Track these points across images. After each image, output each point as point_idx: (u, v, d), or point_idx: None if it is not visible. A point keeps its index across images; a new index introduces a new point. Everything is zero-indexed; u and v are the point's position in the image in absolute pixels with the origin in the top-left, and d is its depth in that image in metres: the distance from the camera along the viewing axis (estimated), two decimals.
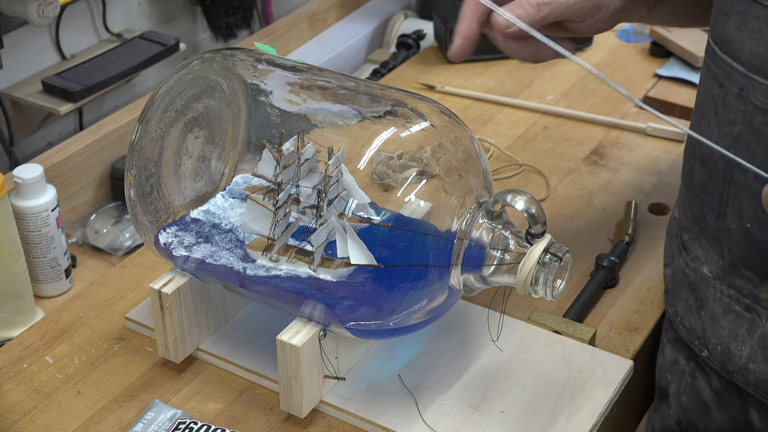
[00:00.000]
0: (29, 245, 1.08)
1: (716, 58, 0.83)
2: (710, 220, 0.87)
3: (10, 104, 1.29)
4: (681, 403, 0.97)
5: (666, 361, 0.98)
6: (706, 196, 0.87)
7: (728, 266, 0.86)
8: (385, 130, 0.83)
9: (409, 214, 0.80)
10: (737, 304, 0.86)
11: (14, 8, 1.19)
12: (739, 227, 0.83)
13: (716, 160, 0.84)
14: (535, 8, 0.88)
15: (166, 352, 0.92)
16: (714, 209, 0.86)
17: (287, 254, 0.83)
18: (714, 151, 0.84)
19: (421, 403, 0.87)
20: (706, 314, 0.90)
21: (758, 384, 0.86)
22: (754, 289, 0.84)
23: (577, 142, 1.28)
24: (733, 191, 0.83)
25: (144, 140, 0.89)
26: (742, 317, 0.86)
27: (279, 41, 1.52)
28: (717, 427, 0.94)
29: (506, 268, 0.80)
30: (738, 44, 0.80)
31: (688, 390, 0.95)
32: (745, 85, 0.80)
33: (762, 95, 0.78)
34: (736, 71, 0.80)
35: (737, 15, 0.80)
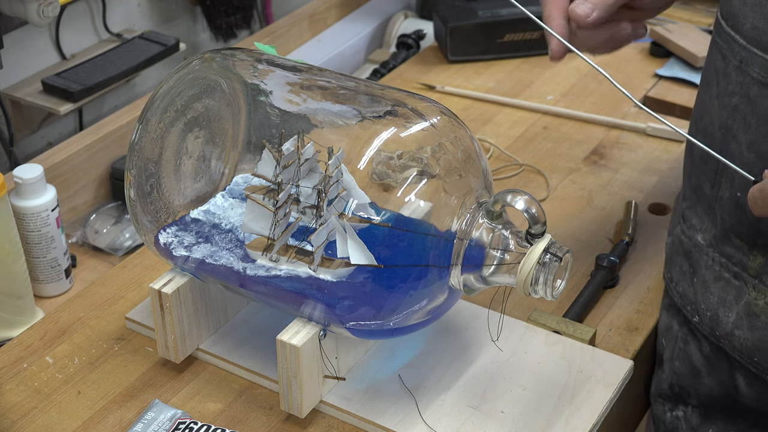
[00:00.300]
0: (29, 245, 1.08)
1: (721, 31, 0.86)
2: (706, 189, 0.89)
3: (10, 104, 1.29)
4: (674, 367, 0.98)
5: (662, 326, 1.00)
6: (704, 167, 0.89)
7: (720, 234, 0.88)
8: (385, 130, 0.83)
9: (409, 214, 0.80)
10: (726, 271, 0.89)
11: (14, 8, 1.19)
12: (730, 196, 0.86)
13: (715, 131, 0.87)
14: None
15: (166, 352, 0.92)
16: (710, 178, 0.88)
17: (287, 254, 0.83)
18: (713, 122, 0.87)
19: (421, 403, 0.87)
20: (698, 281, 0.92)
21: (743, 350, 0.89)
22: (743, 257, 0.87)
23: (577, 142, 1.28)
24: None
25: (144, 140, 0.89)
26: (731, 284, 0.89)
27: (279, 41, 1.52)
28: (707, 392, 0.95)
29: (506, 268, 0.80)
30: (741, 17, 0.82)
31: (681, 355, 0.97)
32: (744, 57, 0.82)
33: (759, 68, 0.81)
34: (737, 44, 0.83)
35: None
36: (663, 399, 1.01)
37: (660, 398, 1.01)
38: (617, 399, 0.89)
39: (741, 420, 0.94)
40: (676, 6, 1.62)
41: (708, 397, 0.96)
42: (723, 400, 0.94)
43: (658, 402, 1.02)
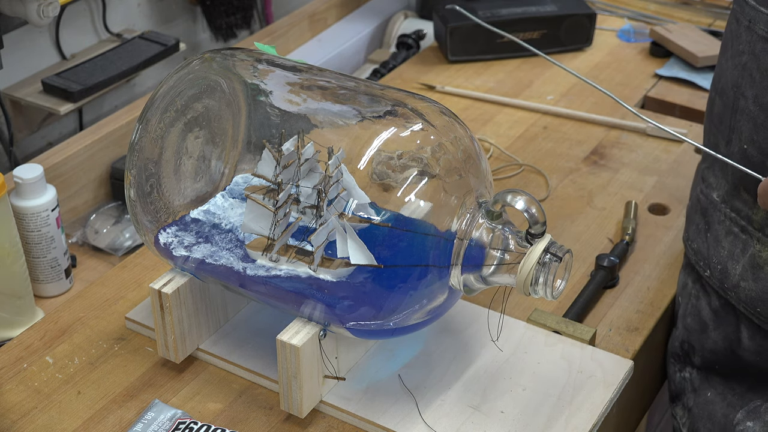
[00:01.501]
0: (29, 245, 1.08)
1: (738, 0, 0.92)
2: (721, 147, 0.94)
3: (10, 104, 1.29)
4: (686, 324, 1.01)
5: (679, 285, 1.04)
6: (720, 125, 0.94)
7: (731, 189, 0.94)
8: (385, 130, 0.83)
9: (409, 214, 0.80)
10: (735, 225, 0.93)
11: (14, 8, 1.19)
12: (739, 149, 0.90)
13: (728, 90, 0.92)
14: None
15: (166, 352, 0.92)
16: (725, 136, 0.93)
17: (287, 254, 0.83)
18: (728, 82, 0.92)
19: (421, 403, 0.87)
20: (711, 236, 0.97)
21: (747, 301, 0.92)
22: (749, 211, 0.91)
23: (577, 142, 1.28)
24: (737, 118, 0.91)
25: (144, 140, 0.89)
26: (738, 238, 0.93)
27: (279, 41, 1.52)
28: (711, 346, 0.98)
29: (506, 268, 0.80)
30: None
31: (692, 311, 1.00)
32: (753, 17, 0.88)
33: (764, 24, 0.86)
34: (748, 4, 0.89)
35: None
36: (674, 359, 1.04)
37: (672, 358, 1.05)
38: (617, 399, 0.89)
39: (737, 385, 0.97)
40: (676, 6, 1.62)
41: (711, 352, 0.98)
42: (725, 357, 0.97)
43: (670, 362, 1.05)
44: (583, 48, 1.50)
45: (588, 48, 1.50)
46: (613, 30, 1.55)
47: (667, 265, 1.07)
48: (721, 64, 0.96)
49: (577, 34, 1.49)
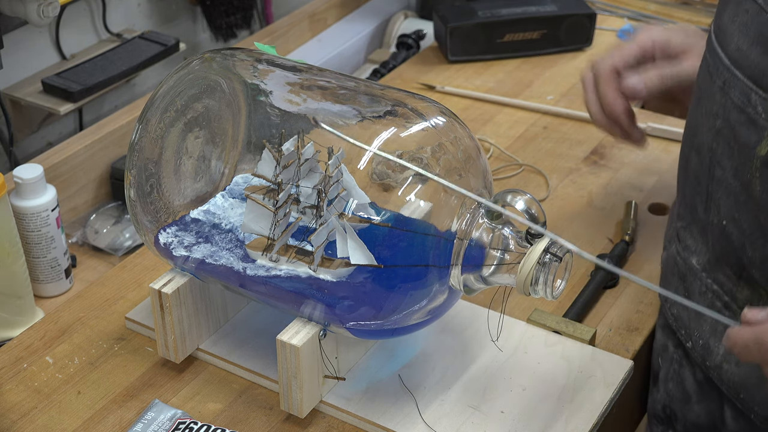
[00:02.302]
0: (29, 245, 1.08)
1: (711, 46, 0.84)
2: (700, 211, 0.87)
3: (10, 104, 1.29)
4: (667, 389, 0.97)
5: (657, 345, 0.99)
6: (698, 186, 0.87)
7: (713, 260, 0.86)
8: (385, 130, 0.83)
9: (409, 214, 0.80)
10: (718, 300, 0.86)
11: (14, 8, 1.19)
12: (718, 222, 0.84)
13: (704, 152, 0.84)
14: (659, 79, 1.00)
15: (166, 352, 0.92)
16: (703, 201, 0.86)
17: (287, 254, 0.83)
18: (703, 142, 0.84)
19: (421, 403, 0.87)
20: None
21: (730, 384, 0.87)
22: (733, 287, 0.84)
23: (577, 142, 1.28)
24: (714, 186, 0.83)
25: (144, 140, 0.89)
26: (722, 315, 0.84)
27: (279, 41, 1.52)
28: (694, 419, 0.94)
29: (506, 268, 0.80)
30: (728, 35, 0.81)
31: (675, 377, 0.96)
32: (727, 79, 0.80)
33: (739, 92, 0.78)
34: (722, 63, 0.81)
35: (733, 5, 0.81)
36: (657, 420, 0.99)
37: (654, 419, 1.00)
38: (617, 399, 0.89)
39: None
40: (676, 6, 1.62)
41: (694, 425, 0.94)
42: (708, 431, 0.93)
43: (653, 422, 1.00)
44: (583, 48, 1.50)
45: (588, 48, 1.50)
46: (613, 30, 1.55)
47: None
48: (694, 116, 0.87)
49: (577, 34, 1.49)
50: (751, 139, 0.77)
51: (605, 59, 1.03)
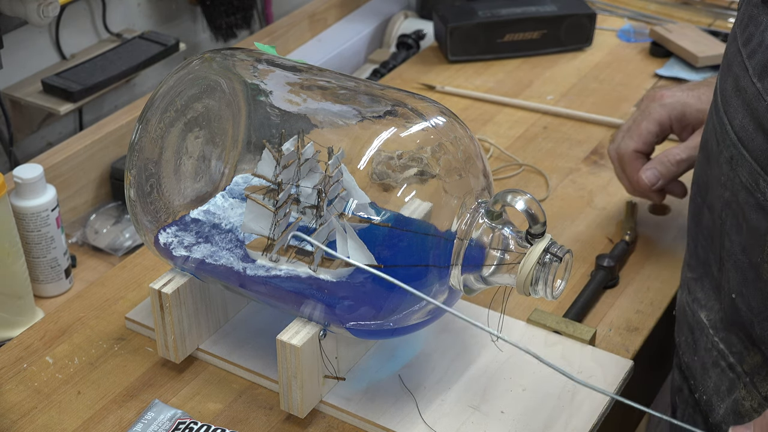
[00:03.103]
0: (29, 245, 1.08)
1: (718, 111, 0.79)
2: (714, 270, 0.83)
3: (10, 104, 1.29)
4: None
5: (675, 385, 0.96)
6: (712, 245, 0.83)
7: (726, 320, 0.82)
8: (385, 130, 0.83)
9: (409, 214, 0.80)
10: (723, 359, 0.83)
11: (14, 8, 1.19)
12: (728, 291, 0.80)
13: (716, 214, 0.80)
14: (675, 165, 1.02)
15: (166, 352, 0.92)
16: (716, 261, 0.82)
17: (287, 254, 0.83)
18: (715, 203, 0.80)
19: (421, 403, 0.87)
20: (698, 360, 0.88)
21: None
22: (743, 349, 0.81)
23: (577, 142, 1.28)
24: (725, 255, 0.80)
25: (144, 140, 0.89)
26: (725, 375, 0.83)
27: (279, 41, 1.52)
28: None
29: (506, 268, 0.80)
30: (732, 108, 0.76)
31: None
32: (735, 155, 0.75)
33: (747, 173, 0.74)
34: (729, 137, 0.76)
35: (733, 77, 0.76)
36: None
37: None
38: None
39: None
40: (676, 6, 1.62)
41: None
42: None
43: None
44: (583, 48, 1.50)
45: (588, 48, 1.50)
46: (613, 30, 1.55)
47: (667, 265, 1.06)
48: (704, 173, 0.82)
49: (577, 34, 1.49)
50: (761, 225, 0.74)
51: (627, 143, 1.05)
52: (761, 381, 0.79)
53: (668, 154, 1.03)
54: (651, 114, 1.04)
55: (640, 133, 1.04)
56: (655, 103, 1.05)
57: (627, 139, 1.05)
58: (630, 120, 1.07)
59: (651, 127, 1.04)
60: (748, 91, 0.73)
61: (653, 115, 1.04)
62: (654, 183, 1.03)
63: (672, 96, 1.04)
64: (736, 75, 0.75)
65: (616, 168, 1.07)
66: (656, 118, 1.04)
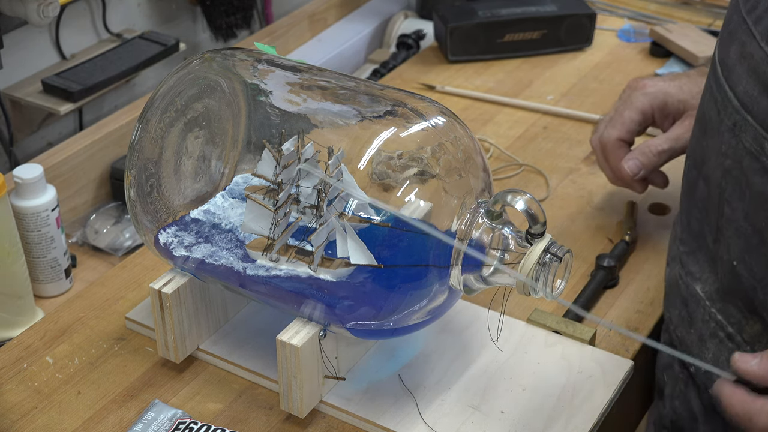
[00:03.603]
0: (29, 245, 1.08)
1: (718, 79, 0.80)
2: (709, 241, 0.83)
3: (10, 104, 1.29)
4: (674, 406, 0.96)
5: (662, 361, 0.97)
6: (706, 217, 0.83)
7: (722, 291, 0.83)
8: (385, 130, 0.83)
9: (409, 214, 0.80)
10: (721, 330, 0.84)
11: (14, 8, 1.19)
12: (728, 260, 0.80)
13: (713, 184, 0.80)
14: (656, 155, 1.04)
15: (166, 352, 0.92)
16: (712, 232, 0.82)
17: (287, 254, 0.83)
18: (710, 177, 0.81)
19: (421, 403, 0.87)
20: (695, 332, 0.88)
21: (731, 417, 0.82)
22: (742, 320, 0.81)
23: (577, 142, 1.28)
24: (724, 223, 0.80)
25: (144, 140, 0.89)
26: (724, 345, 0.84)
27: (279, 41, 1.52)
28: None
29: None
30: (735, 75, 0.77)
31: (681, 396, 0.94)
32: (738, 121, 0.76)
33: (752, 138, 0.74)
34: (731, 104, 0.77)
35: (738, 44, 0.77)
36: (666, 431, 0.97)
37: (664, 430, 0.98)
38: (617, 399, 0.89)
39: None
40: (676, 6, 1.62)
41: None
42: None
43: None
44: (583, 48, 1.50)
45: (588, 48, 1.50)
46: (613, 30, 1.55)
47: None
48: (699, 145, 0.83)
49: (577, 34, 1.49)
50: (766, 189, 0.74)
51: (610, 131, 1.05)
52: (762, 349, 0.79)
53: (650, 145, 1.03)
54: (633, 103, 1.05)
55: (623, 121, 1.04)
56: (637, 92, 1.05)
57: (610, 128, 1.05)
58: (612, 110, 1.07)
59: (633, 115, 1.04)
60: (755, 56, 0.74)
61: (635, 104, 1.05)
62: (636, 173, 1.03)
63: (654, 85, 1.05)
64: (742, 42, 0.76)
65: (599, 157, 1.08)
66: (638, 106, 1.04)
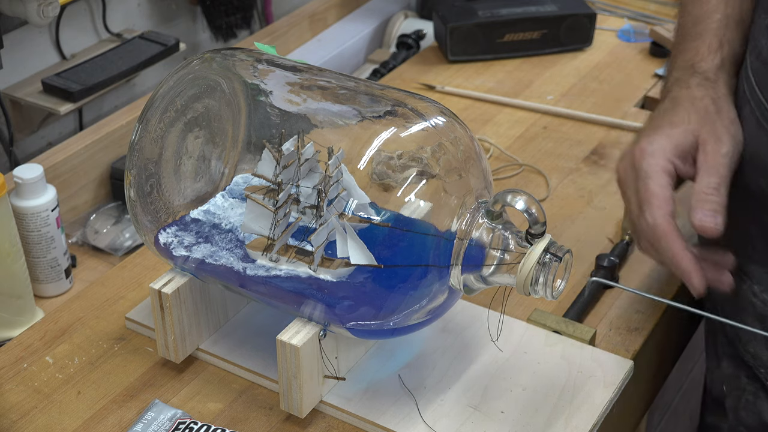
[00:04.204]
0: (29, 245, 1.08)
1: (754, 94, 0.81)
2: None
3: (10, 104, 1.29)
4: (739, 417, 0.94)
5: (723, 373, 0.95)
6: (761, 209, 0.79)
7: None
8: (385, 130, 0.83)
9: (409, 214, 0.80)
10: None
11: (14, 8, 1.19)
12: None
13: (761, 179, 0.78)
14: (716, 192, 0.83)
15: (166, 352, 0.92)
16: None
17: (287, 254, 0.83)
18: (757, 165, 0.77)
19: (421, 403, 0.87)
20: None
21: None
22: None
23: (577, 142, 1.28)
24: None
25: (144, 140, 0.89)
26: None
27: (279, 41, 1.52)
28: None
29: (506, 268, 0.80)
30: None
31: (749, 407, 0.93)
32: None
33: None
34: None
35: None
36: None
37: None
38: (617, 399, 0.89)
39: None
40: (676, 6, 1.62)
41: None
42: None
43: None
44: (583, 48, 1.50)
45: (588, 48, 1.50)
46: (613, 30, 1.55)
47: None
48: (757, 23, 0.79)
49: (577, 34, 1.49)
50: None
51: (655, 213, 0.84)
52: None
53: (700, 191, 0.84)
54: (650, 173, 0.86)
55: (658, 194, 0.85)
56: (643, 162, 0.87)
57: (648, 213, 0.84)
58: (628, 200, 0.89)
59: (662, 180, 0.85)
60: None
61: (653, 171, 0.86)
62: (716, 221, 0.82)
63: (651, 143, 0.88)
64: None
65: (656, 249, 0.85)
66: (659, 170, 0.86)
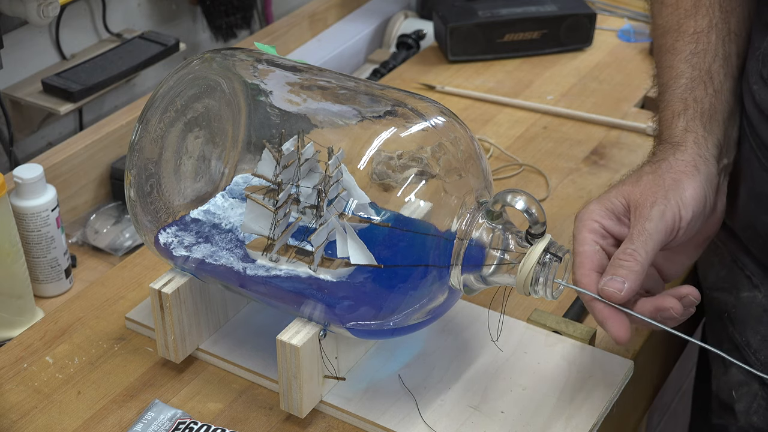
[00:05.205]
0: (29, 245, 1.08)
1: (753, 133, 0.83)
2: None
3: (10, 104, 1.29)
4: (751, 421, 0.94)
5: (732, 379, 0.95)
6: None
7: None
8: (385, 130, 0.83)
9: (409, 214, 0.80)
10: None
11: (14, 8, 1.19)
12: None
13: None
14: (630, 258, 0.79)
15: (166, 352, 0.92)
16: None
17: (287, 254, 0.83)
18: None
19: (421, 403, 0.87)
20: None
21: None
22: None
23: (577, 142, 1.28)
24: None
25: (144, 140, 0.89)
26: None
27: (279, 41, 1.52)
28: None
29: (506, 268, 0.80)
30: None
31: (761, 412, 0.93)
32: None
33: None
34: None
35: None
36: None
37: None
38: (617, 399, 0.89)
39: None
40: None
41: None
42: None
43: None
44: (583, 48, 1.50)
45: (588, 48, 1.50)
46: (613, 30, 1.55)
47: None
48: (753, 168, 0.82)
49: (577, 34, 1.49)
50: None
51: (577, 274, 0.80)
52: None
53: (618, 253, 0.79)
54: (576, 235, 0.82)
55: (579, 252, 0.81)
56: (575, 226, 0.83)
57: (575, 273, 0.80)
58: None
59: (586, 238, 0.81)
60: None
61: (579, 232, 0.82)
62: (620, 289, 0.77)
63: (585, 208, 0.83)
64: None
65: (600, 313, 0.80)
66: (584, 231, 0.81)
